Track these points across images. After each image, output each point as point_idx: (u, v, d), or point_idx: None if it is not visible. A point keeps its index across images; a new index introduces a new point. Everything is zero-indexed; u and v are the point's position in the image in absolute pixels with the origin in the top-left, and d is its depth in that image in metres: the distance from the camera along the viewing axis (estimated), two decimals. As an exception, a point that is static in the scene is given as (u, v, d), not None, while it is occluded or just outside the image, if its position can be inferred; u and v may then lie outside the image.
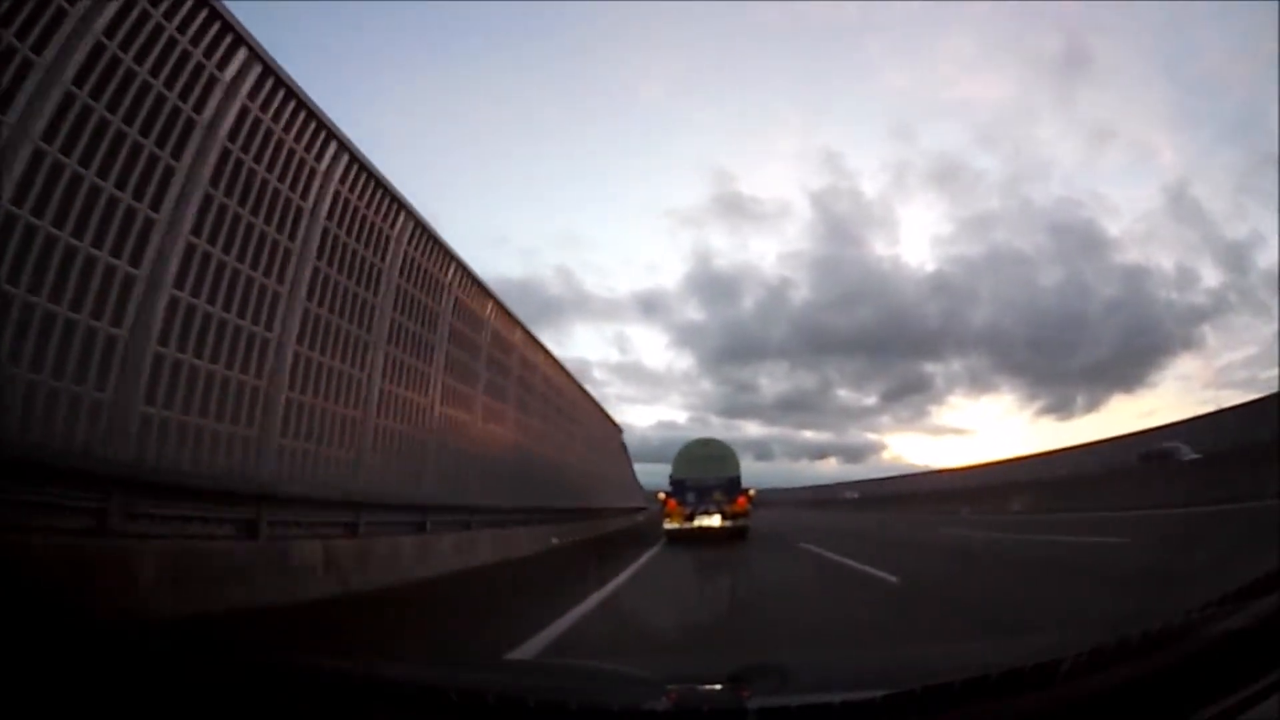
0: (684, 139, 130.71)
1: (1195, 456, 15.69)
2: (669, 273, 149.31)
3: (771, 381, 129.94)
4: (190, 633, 2.74)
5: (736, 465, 15.16)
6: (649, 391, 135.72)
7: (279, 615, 3.95)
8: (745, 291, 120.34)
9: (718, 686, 1.23)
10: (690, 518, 14.21)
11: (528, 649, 3.67)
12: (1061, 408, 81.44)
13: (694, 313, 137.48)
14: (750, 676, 1.15)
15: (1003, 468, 27.93)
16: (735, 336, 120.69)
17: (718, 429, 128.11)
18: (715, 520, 14.12)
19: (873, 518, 23.26)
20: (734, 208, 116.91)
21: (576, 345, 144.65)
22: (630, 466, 29.03)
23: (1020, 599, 5.11)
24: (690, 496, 14.50)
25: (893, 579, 6.45)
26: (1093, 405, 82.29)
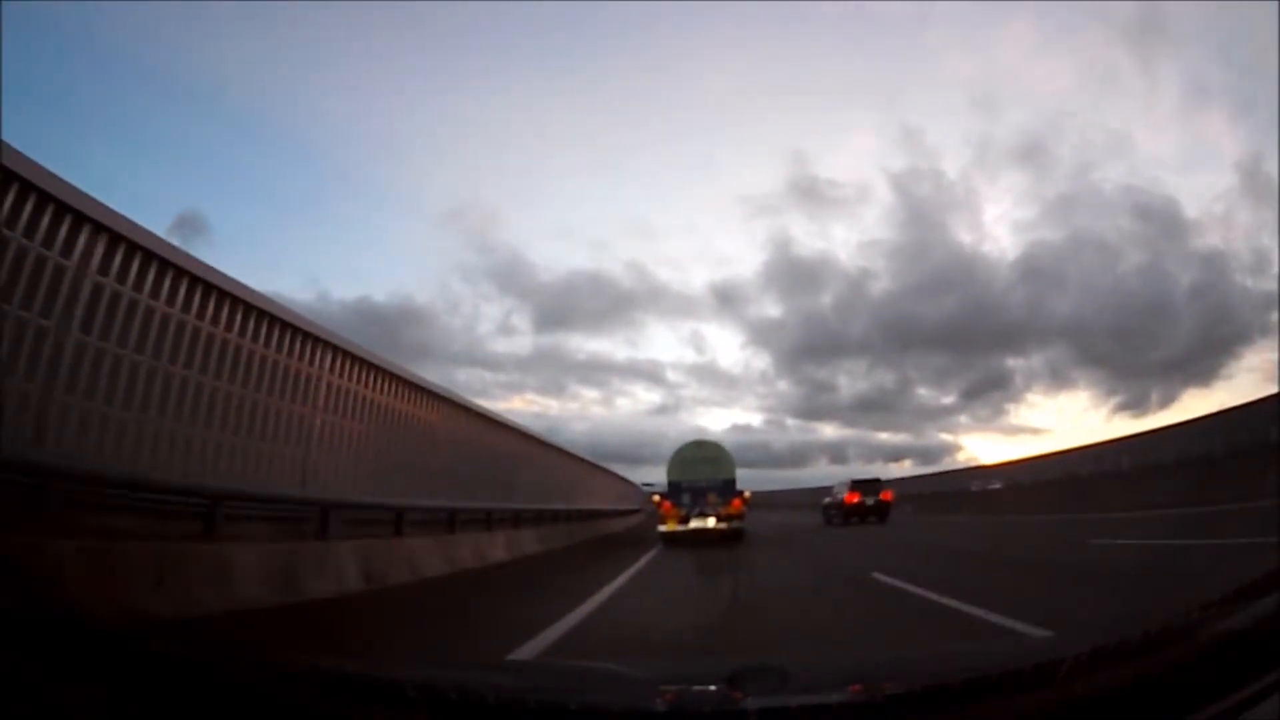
0: (756, 122, 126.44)
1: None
2: (744, 264, 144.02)
3: (850, 380, 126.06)
4: (189, 632, 2.73)
5: (732, 467, 15.19)
6: (724, 394, 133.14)
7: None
8: (823, 283, 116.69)
9: (717, 687, 1.23)
10: (685, 520, 14.19)
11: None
12: (1137, 404, 78.62)
13: (771, 308, 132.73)
14: (749, 677, 1.15)
15: (1005, 469, 27.64)
16: (813, 332, 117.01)
17: (793, 431, 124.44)
18: (711, 522, 14.11)
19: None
20: (810, 192, 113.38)
21: (651, 345, 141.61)
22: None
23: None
24: (686, 499, 14.50)
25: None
26: (1167, 400, 79.86)
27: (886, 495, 21.65)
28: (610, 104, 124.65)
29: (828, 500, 23.76)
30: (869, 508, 21.23)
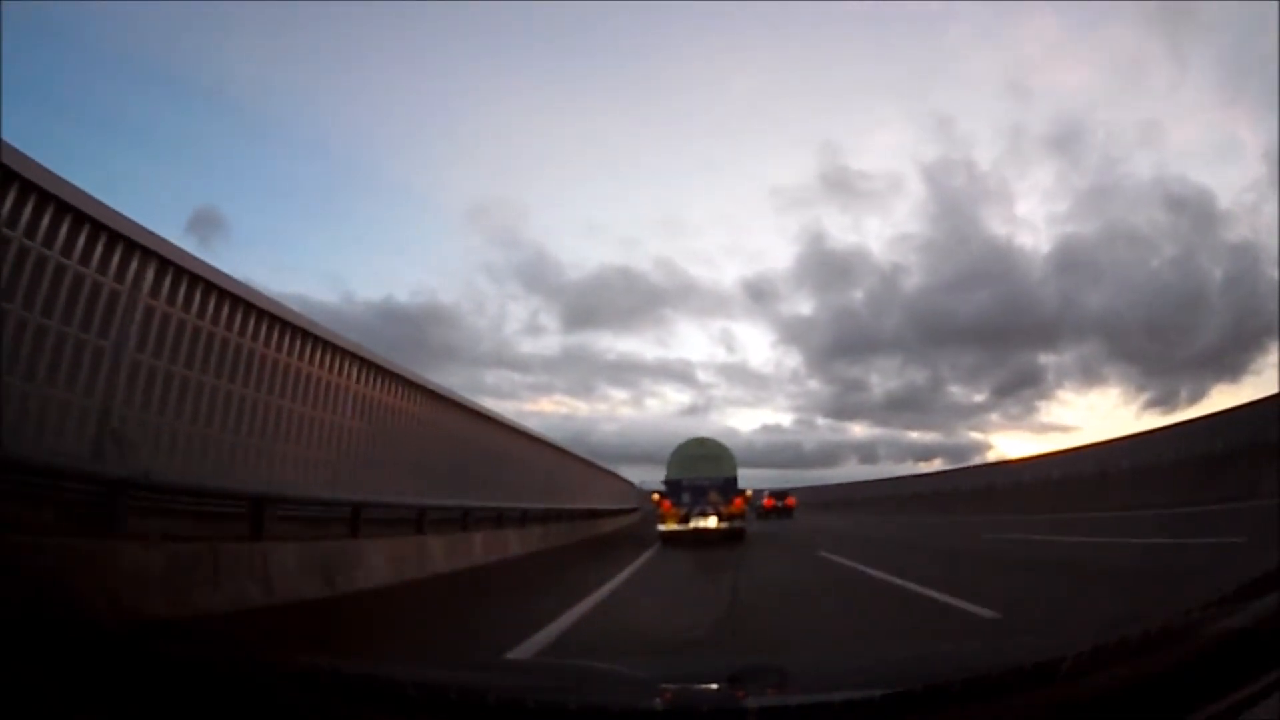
0: (786, 115, 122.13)
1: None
2: (776, 259, 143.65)
3: (882, 379, 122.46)
4: (188, 632, 2.73)
5: (733, 465, 14.92)
6: (754, 394, 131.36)
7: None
8: (855, 278, 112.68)
9: (717, 687, 1.23)
10: (686, 519, 13.98)
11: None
12: (1166, 401, 76.72)
13: (802, 304, 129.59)
14: (750, 676, 1.15)
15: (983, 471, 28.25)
16: (845, 329, 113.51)
17: (824, 431, 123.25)
18: (712, 522, 13.91)
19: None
20: (841, 184, 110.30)
21: (681, 345, 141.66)
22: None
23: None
24: (686, 497, 14.25)
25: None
26: (1196, 397, 78.04)
27: (790, 501, 32.52)
28: (639, 98, 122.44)
29: (756, 504, 31.66)
30: (780, 509, 31.33)
